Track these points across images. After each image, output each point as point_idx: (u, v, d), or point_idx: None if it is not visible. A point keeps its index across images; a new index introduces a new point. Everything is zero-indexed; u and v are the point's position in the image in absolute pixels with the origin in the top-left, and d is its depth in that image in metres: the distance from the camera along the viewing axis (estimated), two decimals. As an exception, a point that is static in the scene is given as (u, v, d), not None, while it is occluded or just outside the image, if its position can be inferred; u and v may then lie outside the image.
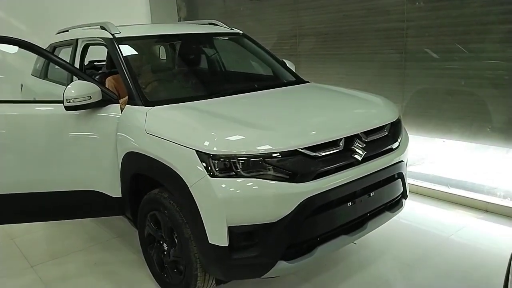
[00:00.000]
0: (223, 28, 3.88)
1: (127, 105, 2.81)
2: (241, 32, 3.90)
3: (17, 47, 2.81)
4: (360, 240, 3.20)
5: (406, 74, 4.22)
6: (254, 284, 2.78)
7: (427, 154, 4.35)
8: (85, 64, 4.18)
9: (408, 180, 3.71)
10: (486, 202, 3.74)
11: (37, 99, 4.08)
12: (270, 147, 2.19)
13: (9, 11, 5.80)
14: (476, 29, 3.66)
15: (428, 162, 4.35)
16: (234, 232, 2.17)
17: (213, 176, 2.15)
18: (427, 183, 4.18)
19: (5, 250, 3.46)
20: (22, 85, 4.86)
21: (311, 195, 2.22)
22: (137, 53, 3.26)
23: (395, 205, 2.84)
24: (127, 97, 2.87)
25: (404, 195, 2.90)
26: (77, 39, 3.66)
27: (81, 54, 3.62)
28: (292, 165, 2.20)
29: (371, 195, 2.54)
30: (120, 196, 2.89)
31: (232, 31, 3.86)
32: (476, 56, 3.70)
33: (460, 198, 3.89)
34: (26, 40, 2.79)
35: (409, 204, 3.55)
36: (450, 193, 3.98)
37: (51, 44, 4.33)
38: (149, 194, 2.64)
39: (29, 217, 3.08)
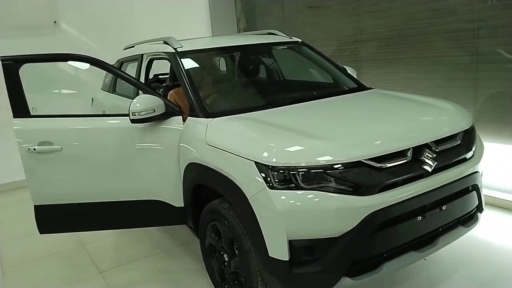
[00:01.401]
0: (281, 37, 3.85)
1: (189, 117, 2.86)
2: (300, 40, 3.85)
3: (88, 64, 2.97)
4: (430, 256, 2.98)
5: (478, 77, 3.93)
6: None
7: (503, 162, 3.99)
8: (150, 78, 4.36)
9: (484, 191, 3.44)
10: None
11: (106, 113, 4.30)
12: (331, 158, 2.11)
13: (81, 29, 6.21)
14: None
15: (504, 171, 4.00)
16: (295, 246, 2.10)
17: (272, 188, 2.11)
18: (504, 194, 3.84)
19: (77, 255, 3.66)
20: (92, 99, 5.16)
21: (377, 209, 2.10)
22: (198, 65, 3.32)
23: (469, 219, 2.62)
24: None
25: (479, 209, 2.67)
26: (142, 54, 3.80)
27: (146, 68, 3.76)
28: (355, 177, 2.10)
29: (443, 208, 2.36)
30: (183, 205, 2.94)
31: (290, 39, 3.83)
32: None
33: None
34: (95, 58, 2.94)
35: (484, 217, 3.27)
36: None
37: (118, 59, 4.56)
38: (209, 205, 2.66)
39: (98, 225, 3.23)
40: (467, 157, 2.53)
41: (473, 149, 2.59)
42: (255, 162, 2.17)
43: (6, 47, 3.63)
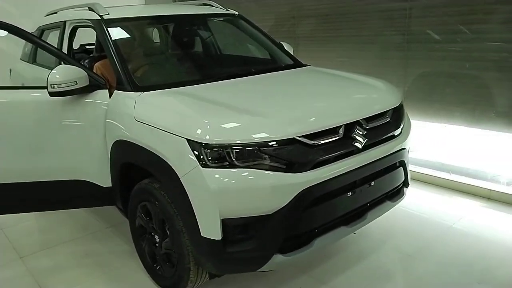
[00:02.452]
0: (218, 9, 3.71)
1: (115, 91, 2.67)
2: (237, 13, 3.73)
3: (6, 32, 2.66)
4: (359, 230, 3.07)
5: (408, 56, 4.06)
6: (250, 276, 2.68)
7: (428, 139, 4.22)
8: (76, 48, 4.03)
9: (411, 167, 3.60)
10: (489, 189, 3.63)
11: (25, 85, 3.94)
12: (267, 135, 2.06)
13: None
14: (481, 9, 3.50)
15: (429, 148, 4.23)
16: (228, 224, 2.06)
17: (205, 166, 2.03)
18: (428, 170, 4.07)
19: (-6, 240, 3.36)
20: (10, 70, 4.70)
21: (309, 186, 2.09)
22: (126, 35, 3.11)
23: (396, 194, 2.73)
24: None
25: (405, 184, 2.79)
26: (65, 22, 3.49)
27: (69, 37, 3.45)
28: (289, 154, 2.08)
29: (372, 184, 2.43)
30: (111, 185, 2.77)
31: (227, 12, 3.69)
32: (480, 38, 3.54)
33: (463, 185, 3.79)
34: (11, 24, 2.63)
35: (409, 191, 3.44)
36: (452, 180, 3.87)
37: (39, 27, 4.17)
38: (139, 184, 2.52)
39: (17, 208, 2.97)
40: (395, 134, 2.60)
41: (401, 126, 2.67)
42: (187, 140, 2.07)
43: None
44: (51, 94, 2.52)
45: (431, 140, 4.22)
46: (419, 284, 2.59)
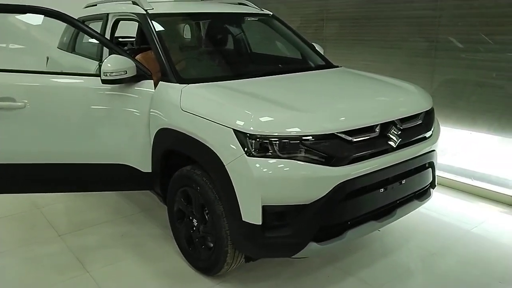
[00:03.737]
0: (253, 9, 3.85)
1: (160, 82, 2.82)
2: (271, 14, 3.87)
3: (41, 18, 2.81)
4: (383, 228, 3.21)
5: (436, 63, 4.16)
6: (277, 264, 2.81)
7: (452, 145, 4.31)
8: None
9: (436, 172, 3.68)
10: (510, 196, 3.72)
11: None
12: (308, 130, 2.20)
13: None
14: (510, 21, 3.58)
15: (452, 154, 4.32)
16: (267, 211, 2.19)
17: (249, 155, 2.17)
18: (452, 175, 4.16)
19: (33, 219, 3.53)
20: (48, 58, 4.88)
21: (346, 180, 2.22)
22: (170, 29, 3.26)
23: (423, 194, 2.84)
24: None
25: (432, 185, 2.90)
26: (107, 14, 3.65)
27: (111, 29, 3.62)
28: (328, 149, 2.21)
29: (403, 182, 2.55)
30: (150, 171, 2.92)
31: (262, 12, 3.83)
32: (508, 48, 3.63)
33: (484, 191, 3.88)
34: (69, 15, 2.79)
35: (434, 195, 3.55)
36: (474, 185, 3.97)
37: (79, 18, 4.33)
38: (181, 171, 2.67)
39: (60, 187, 3.14)
40: (427, 136, 2.72)
41: (432, 129, 2.79)
42: (234, 130, 2.21)
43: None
44: (103, 81, 2.68)
45: (456, 146, 4.31)
46: (441, 281, 2.70)
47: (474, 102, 3.94)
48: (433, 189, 2.93)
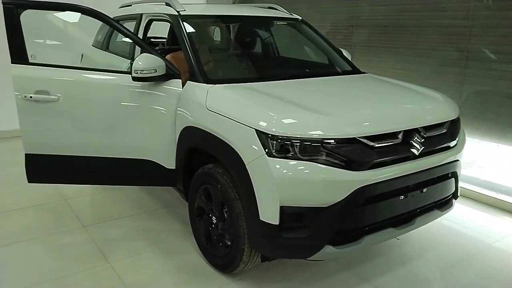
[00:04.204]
0: (283, 13, 3.89)
1: (188, 81, 2.90)
2: (300, 18, 3.90)
3: (78, 16, 2.92)
4: (402, 237, 3.20)
5: (466, 73, 4.09)
6: (292, 267, 2.83)
7: (479, 157, 4.22)
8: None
9: (460, 184, 3.65)
10: (537, 212, 3.62)
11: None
12: (330, 133, 2.22)
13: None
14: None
15: (479, 166, 4.23)
16: (285, 212, 2.22)
17: (270, 155, 2.21)
18: (477, 187, 4.08)
19: (59, 209, 3.68)
20: (82, 55, 5.07)
21: (365, 184, 2.23)
22: (200, 31, 3.34)
23: (445, 204, 2.80)
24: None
25: (455, 195, 2.86)
26: (141, 14, 3.76)
27: (144, 29, 3.73)
28: (349, 153, 2.22)
29: (424, 191, 2.52)
30: (174, 168, 3.00)
31: (291, 16, 3.87)
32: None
33: (510, 205, 3.78)
34: (105, 14, 2.91)
35: (456, 206, 3.50)
36: (499, 199, 3.87)
37: (113, 17, 4.48)
38: (203, 168, 2.73)
39: (88, 179, 3.26)
40: (451, 146, 2.69)
41: (457, 139, 2.75)
42: (256, 130, 2.26)
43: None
44: (134, 78, 2.78)
45: (483, 158, 4.22)
46: (459, 294, 2.66)
47: (503, 114, 3.85)
48: (456, 199, 2.88)
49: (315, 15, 5.75)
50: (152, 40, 4.84)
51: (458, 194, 2.89)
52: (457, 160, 2.72)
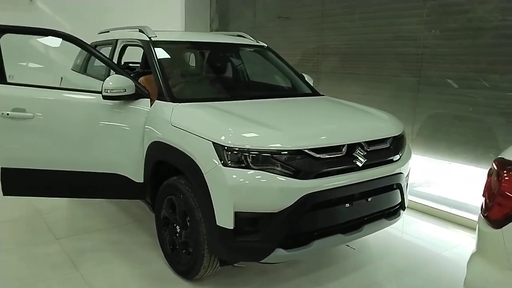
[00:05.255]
0: (249, 40, 4.20)
1: (156, 100, 3.14)
2: (266, 45, 4.22)
3: (60, 42, 3.16)
4: (358, 246, 3.44)
5: (418, 97, 4.44)
6: (253, 273, 3.02)
7: (433, 175, 4.52)
8: (121, 64, 4.58)
9: (415, 199, 3.95)
10: (484, 224, 3.88)
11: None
12: (280, 145, 2.47)
13: (57, 8, 6.31)
14: (486, 60, 3.87)
15: (434, 183, 4.52)
16: (239, 217, 2.44)
17: (225, 165, 2.44)
18: (432, 203, 4.35)
19: (34, 223, 3.81)
20: (62, 78, 5.28)
21: (311, 192, 2.47)
22: (169, 55, 3.61)
23: (392, 214, 3.05)
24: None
25: (402, 206, 3.11)
26: (117, 40, 4.03)
27: (119, 53, 4.00)
28: (296, 163, 2.47)
29: (369, 200, 2.77)
30: (142, 181, 3.20)
31: (257, 43, 4.19)
32: (484, 85, 3.90)
33: (462, 219, 4.05)
34: (80, 39, 3.16)
35: (412, 220, 3.77)
36: (453, 213, 4.15)
37: (92, 42, 4.74)
38: (168, 180, 2.94)
39: (61, 192, 3.43)
40: (394, 159, 2.96)
41: (401, 153, 3.03)
42: (213, 143, 2.50)
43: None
44: (104, 97, 3.01)
45: (436, 176, 4.52)
46: (405, 296, 2.88)
47: (452, 133, 4.18)
48: (403, 210, 3.13)
49: (287, 44, 6.11)
50: (131, 65, 5.11)
51: (406, 206, 3.14)
52: (401, 173, 2.99)
